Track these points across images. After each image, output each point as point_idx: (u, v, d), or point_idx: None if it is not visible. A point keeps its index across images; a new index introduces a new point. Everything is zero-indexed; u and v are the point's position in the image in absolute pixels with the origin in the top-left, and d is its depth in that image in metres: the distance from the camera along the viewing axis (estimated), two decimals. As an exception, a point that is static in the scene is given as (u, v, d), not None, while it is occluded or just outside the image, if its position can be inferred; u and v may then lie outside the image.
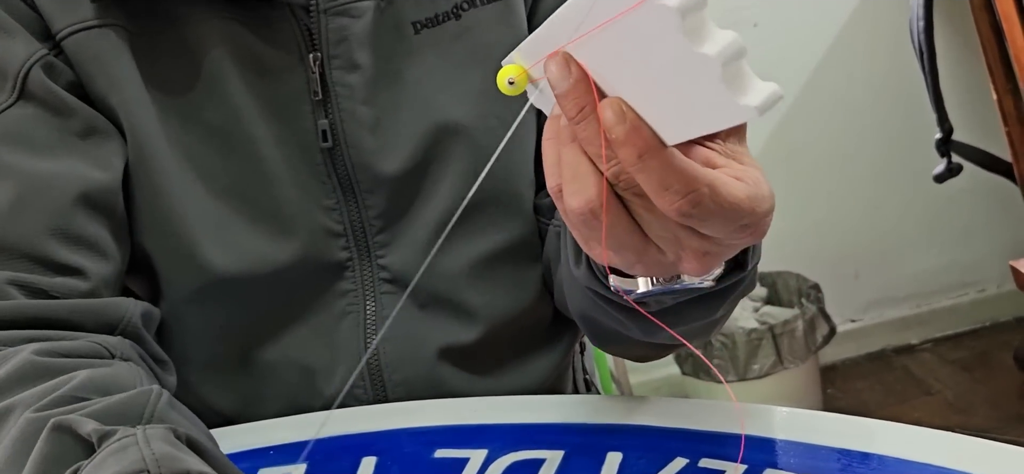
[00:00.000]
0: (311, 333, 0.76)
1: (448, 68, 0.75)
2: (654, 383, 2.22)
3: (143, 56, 0.71)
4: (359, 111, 0.73)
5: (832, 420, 0.64)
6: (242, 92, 0.72)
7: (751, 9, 2.11)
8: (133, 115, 0.71)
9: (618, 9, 0.41)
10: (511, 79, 0.49)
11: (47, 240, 0.67)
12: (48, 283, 0.67)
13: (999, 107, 1.62)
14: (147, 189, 0.72)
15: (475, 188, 0.50)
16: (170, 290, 0.74)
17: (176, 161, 0.71)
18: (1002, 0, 1.49)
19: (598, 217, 0.47)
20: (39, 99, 0.69)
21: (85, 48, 0.70)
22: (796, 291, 2.09)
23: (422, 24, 0.74)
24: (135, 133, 0.71)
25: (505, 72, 0.50)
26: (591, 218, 0.47)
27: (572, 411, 0.70)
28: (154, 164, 0.71)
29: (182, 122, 0.72)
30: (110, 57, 0.70)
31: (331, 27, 0.72)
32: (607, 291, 0.61)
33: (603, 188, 0.46)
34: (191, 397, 0.74)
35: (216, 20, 0.71)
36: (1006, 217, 2.19)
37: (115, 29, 0.70)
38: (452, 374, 0.77)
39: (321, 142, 0.73)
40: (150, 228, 0.73)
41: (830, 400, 2.15)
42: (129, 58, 0.71)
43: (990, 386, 2.11)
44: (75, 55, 0.70)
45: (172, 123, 0.72)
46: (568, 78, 0.45)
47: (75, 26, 0.70)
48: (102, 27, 0.70)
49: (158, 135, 0.71)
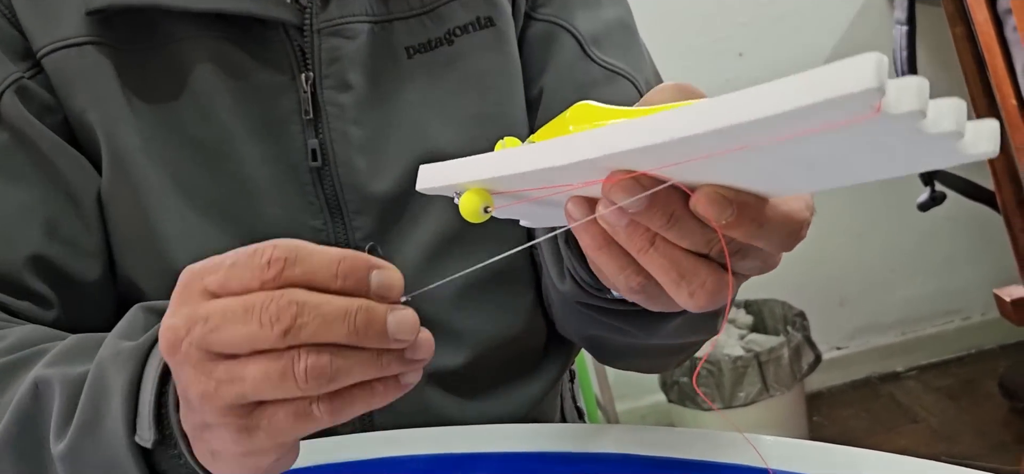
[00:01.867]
0: None
1: (439, 93, 0.75)
2: (641, 411, 2.22)
3: (130, 73, 0.71)
4: (350, 131, 0.73)
5: (818, 450, 0.64)
6: (231, 109, 0.72)
7: (736, 39, 2.13)
8: (113, 132, 0.70)
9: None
10: (486, 206, 0.46)
11: (19, 268, 0.68)
12: (15, 306, 0.68)
13: (982, 136, 1.63)
14: (127, 205, 0.71)
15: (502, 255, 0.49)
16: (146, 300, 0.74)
17: (158, 177, 0.71)
18: (984, 31, 1.51)
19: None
20: (8, 125, 0.69)
21: (65, 66, 0.70)
22: (782, 319, 2.10)
23: (415, 49, 0.75)
24: (114, 150, 0.71)
25: (475, 202, 0.47)
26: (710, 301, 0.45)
27: (559, 440, 0.70)
28: (135, 180, 0.71)
29: (168, 138, 0.72)
30: (92, 74, 0.70)
31: (325, 47, 0.72)
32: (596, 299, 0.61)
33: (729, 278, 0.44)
34: None
35: (207, 39, 0.72)
36: (989, 245, 2.20)
37: (100, 47, 0.70)
38: (439, 398, 0.77)
39: (310, 161, 0.73)
40: (130, 244, 0.72)
41: (816, 428, 2.15)
42: (113, 75, 0.71)
43: (975, 414, 2.11)
44: (55, 73, 0.70)
45: (157, 139, 0.72)
46: (642, 194, 0.42)
47: (57, 44, 0.70)
48: (85, 45, 0.70)
49: (140, 151, 0.71)
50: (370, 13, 0.74)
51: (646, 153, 0.39)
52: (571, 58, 0.78)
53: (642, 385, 2.20)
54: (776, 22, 2.14)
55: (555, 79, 0.77)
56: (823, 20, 2.15)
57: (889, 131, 0.34)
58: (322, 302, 0.42)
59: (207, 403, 0.44)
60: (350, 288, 0.43)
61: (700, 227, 0.43)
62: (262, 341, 0.41)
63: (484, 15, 0.76)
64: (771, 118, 0.34)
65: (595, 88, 0.77)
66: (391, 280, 0.44)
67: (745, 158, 0.38)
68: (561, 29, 0.78)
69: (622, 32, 0.81)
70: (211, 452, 0.47)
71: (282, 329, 0.41)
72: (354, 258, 0.43)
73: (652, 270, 0.45)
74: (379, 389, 0.44)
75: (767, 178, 0.41)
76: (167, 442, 0.51)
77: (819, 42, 2.17)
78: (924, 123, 0.33)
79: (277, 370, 0.42)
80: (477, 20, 0.76)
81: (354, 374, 0.43)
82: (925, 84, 0.33)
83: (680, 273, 0.45)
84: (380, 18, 0.74)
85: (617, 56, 0.79)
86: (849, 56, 0.33)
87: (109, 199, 0.72)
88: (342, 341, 0.42)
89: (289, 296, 0.42)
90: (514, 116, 0.77)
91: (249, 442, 0.44)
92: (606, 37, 0.79)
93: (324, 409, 0.43)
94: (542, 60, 0.78)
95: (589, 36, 0.78)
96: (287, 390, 0.42)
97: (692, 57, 2.10)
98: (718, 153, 0.38)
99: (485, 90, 0.76)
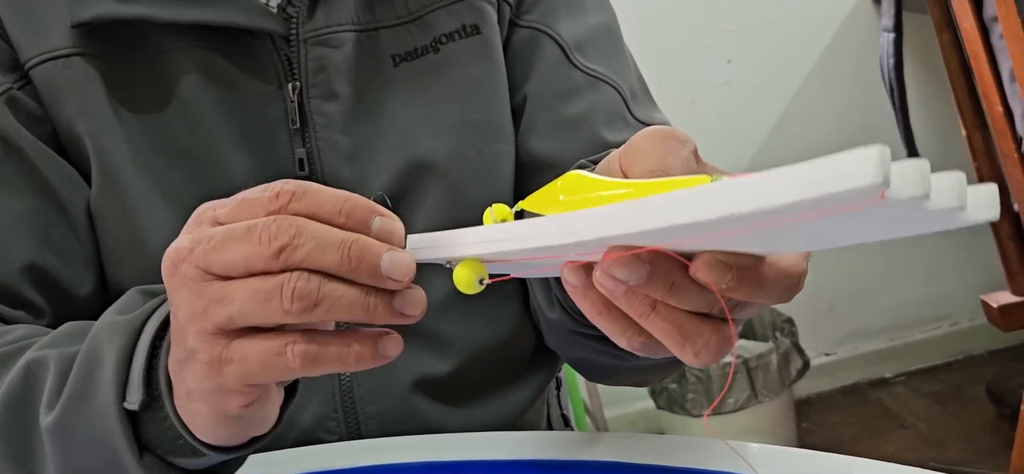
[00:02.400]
0: None
1: (425, 101, 0.75)
2: (629, 418, 2.22)
3: (117, 84, 0.71)
4: (337, 140, 0.73)
5: (806, 456, 0.64)
6: (217, 120, 0.72)
7: (725, 45, 2.14)
8: (101, 143, 0.70)
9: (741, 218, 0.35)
10: (480, 278, 0.46)
11: (14, 277, 0.68)
12: (11, 316, 0.67)
13: (968, 143, 1.65)
14: (116, 215, 0.71)
15: None
16: None
17: (147, 188, 0.71)
18: (970, 38, 1.51)
19: None
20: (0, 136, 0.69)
21: (53, 77, 0.70)
22: (770, 325, 2.10)
23: (401, 57, 0.75)
24: (103, 161, 0.70)
25: (469, 275, 0.46)
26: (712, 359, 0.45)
27: (547, 448, 0.70)
28: (123, 190, 0.71)
29: (155, 148, 0.72)
30: (80, 85, 0.70)
31: (311, 56, 0.72)
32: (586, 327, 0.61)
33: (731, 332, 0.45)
34: None
35: (194, 50, 0.71)
36: (977, 251, 2.21)
37: (87, 58, 0.70)
38: (426, 405, 0.77)
39: (297, 171, 0.73)
40: (120, 253, 0.72)
41: (804, 434, 2.15)
42: (100, 86, 0.70)
43: (963, 419, 2.12)
44: (43, 85, 0.70)
45: (144, 150, 0.71)
46: (642, 270, 0.42)
47: (44, 55, 0.70)
48: (72, 56, 0.70)
49: (127, 161, 0.71)
50: (356, 22, 0.74)
51: (644, 236, 0.39)
52: (554, 64, 0.78)
53: (631, 392, 2.20)
54: (763, 29, 2.14)
55: (538, 85, 0.77)
56: (810, 27, 2.16)
57: (892, 210, 0.34)
58: (321, 228, 0.43)
59: (193, 324, 0.45)
60: (351, 226, 0.44)
61: (700, 290, 0.43)
62: (257, 259, 0.43)
63: (470, 23, 0.76)
64: (773, 209, 0.34)
65: (578, 94, 0.77)
66: (392, 226, 0.45)
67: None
68: (544, 36, 0.78)
69: (606, 38, 0.81)
70: (186, 393, 0.48)
71: (278, 246, 0.43)
72: (358, 200, 0.45)
73: (654, 332, 0.45)
74: (355, 348, 0.45)
75: (766, 243, 0.41)
76: (154, 404, 0.51)
77: (807, 49, 2.17)
78: (927, 203, 0.33)
79: (265, 289, 0.43)
80: (463, 28, 0.76)
81: (339, 306, 0.43)
82: (926, 167, 0.33)
83: (683, 335, 0.45)
84: (366, 27, 0.74)
85: (601, 62, 0.79)
86: (838, 65, 0.33)
87: (98, 209, 0.71)
88: (334, 269, 0.43)
89: (290, 219, 0.43)
90: (500, 124, 0.77)
91: (219, 377, 0.45)
92: (590, 43, 0.79)
93: (297, 353, 0.44)
94: (525, 67, 0.78)
95: (572, 42, 0.78)
96: (271, 311, 0.43)
97: (681, 64, 2.10)
98: (718, 235, 0.38)
99: (471, 97, 0.76)
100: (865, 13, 2.17)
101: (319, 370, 0.44)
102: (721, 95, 2.14)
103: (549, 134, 0.76)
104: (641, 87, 0.81)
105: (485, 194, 0.75)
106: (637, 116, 0.78)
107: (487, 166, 0.76)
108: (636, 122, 0.77)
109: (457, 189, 0.75)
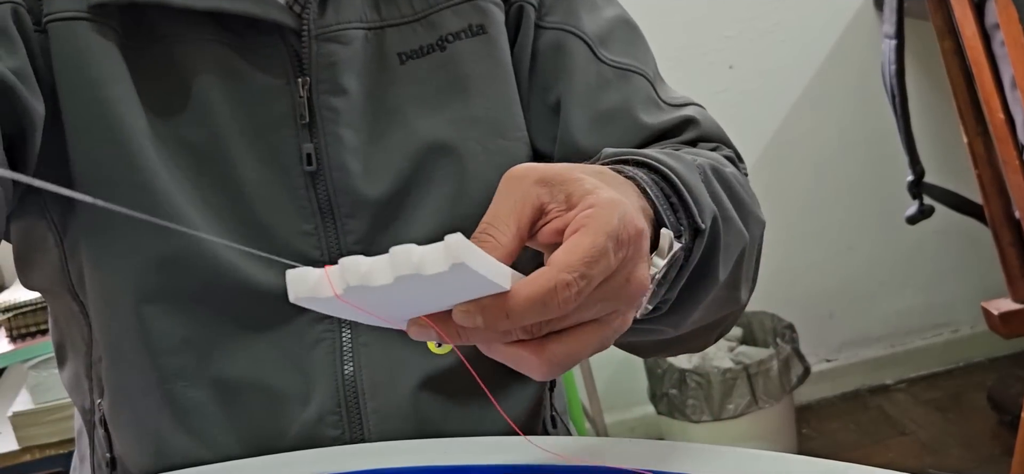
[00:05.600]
0: (284, 358, 0.75)
1: (431, 97, 0.77)
2: (629, 423, 2.22)
3: (132, 67, 0.71)
4: (344, 135, 0.74)
5: (806, 463, 0.64)
6: (225, 113, 0.72)
7: (726, 51, 2.14)
8: (129, 112, 0.70)
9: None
10: (438, 342, 0.53)
11: None
12: None
13: (970, 150, 1.64)
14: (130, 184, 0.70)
15: None
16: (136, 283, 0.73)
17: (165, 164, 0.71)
18: (972, 45, 1.51)
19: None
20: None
21: (82, 35, 0.70)
22: (771, 331, 2.10)
23: (408, 55, 0.76)
24: (127, 131, 0.70)
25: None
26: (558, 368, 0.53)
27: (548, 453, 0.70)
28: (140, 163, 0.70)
29: (162, 138, 0.72)
30: (109, 52, 0.70)
31: (321, 52, 0.73)
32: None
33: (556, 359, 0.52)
34: None
35: (205, 43, 0.72)
36: (977, 258, 2.21)
37: (106, 30, 0.71)
38: (428, 402, 0.77)
39: (305, 166, 0.73)
40: (126, 220, 0.70)
41: (805, 440, 2.15)
42: (122, 61, 0.71)
43: (964, 427, 2.12)
44: (67, 39, 0.70)
45: (157, 135, 0.72)
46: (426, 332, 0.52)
47: (74, 13, 0.70)
48: (101, 23, 0.70)
49: (146, 136, 0.71)
50: (364, 20, 0.75)
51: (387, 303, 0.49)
52: (584, 62, 0.79)
53: (631, 397, 2.20)
54: (764, 35, 2.15)
55: (571, 84, 0.79)
56: (812, 33, 2.16)
57: None
58: None
59: None
60: None
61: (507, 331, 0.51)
62: None
63: (476, 23, 0.77)
64: None
65: (611, 87, 0.79)
66: None
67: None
68: (570, 35, 0.80)
69: (625, 29, 0.83)
70: None
71: None
72: None
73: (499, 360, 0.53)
74: None
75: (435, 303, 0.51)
76: None
77: (808, 55, 2.18)
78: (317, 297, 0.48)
79: None
80: (469, 27, 0.77)
81: None
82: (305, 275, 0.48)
83: (514, 362, 0.53)
84: (374, 25, 0.75)
85: (624, 53, 0.81)
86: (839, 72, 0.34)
87: (106, 178, 0.71)
88: None
89: None
90: (505, 121, 0.78)
91: None
92: (610, 36, 0.81)
93: None
94: (556, 68, 0.80)
95: (596, 37, 0.80)
96: None
97: (682, 71, 2.10)
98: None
99: (476, 95, 0.77)
100: (867, 20, 2.17)
101: None
102: (722, 102, 2.14)
103: (591, 128, 0.78)
104: (656, 70, 0.84)
105: (490, 189, 0.76)
106: (665, 98, 0.81)
107: (491, 162, 0.76)
108: (667, 105, 0.81)
109: (462, 183, 0.76)
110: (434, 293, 0.49)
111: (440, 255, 0.45)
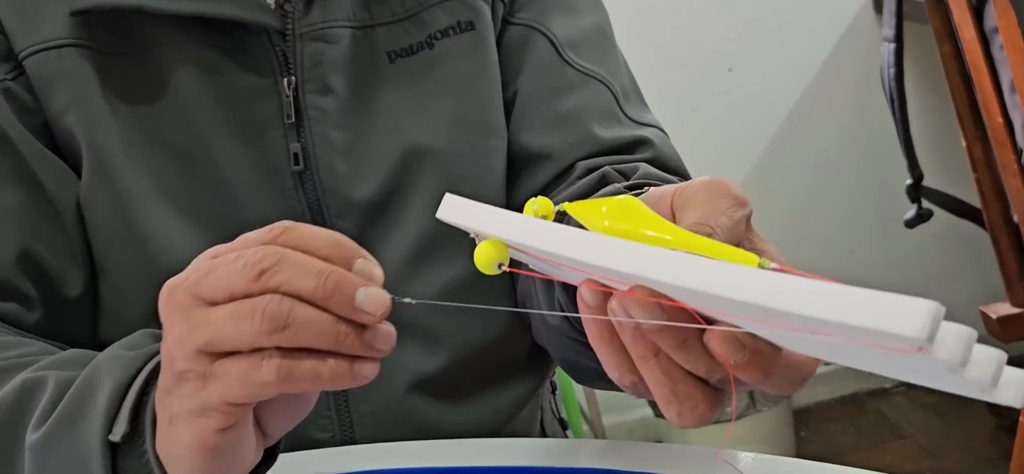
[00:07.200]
0: None
1: (420, 96, 0.76)
2: (628, 425, 2.22)
3: (111, 76, 0.71)
4: (332, 135, 0.73)
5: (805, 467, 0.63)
6: (211, 115, 0.72)
7: (726, 54, 2.14)
8: (93, 133, 0.70)
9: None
10: (500, 263, 0.46)
11: (6, 267, 0.68)
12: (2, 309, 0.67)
13: (968, 154, 1.64)
14: (108, 207, 0.71)
15: None
16: (128, 301, 0.73)
17: (140, 179, 0.71)
18: (971, 49, 1.51)
19: None
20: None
21: (46, 68, 0.70)
22: (769, 334, 2.10)
23: (396, 54, 0.76)
24: (94, 151, 0.70)
25: (492, 255, 0.46)
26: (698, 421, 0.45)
27: (544, 455, 0.70)
28: (115, 182, 0.71)
29: (148, 141, 0.72)
30: (73, 76, 0.70)
31: (307, 51, 0.72)
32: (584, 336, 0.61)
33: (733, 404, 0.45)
34: None
35: (190, 44, 0.72)
36: (976, 262, 2.21)
37: (82, 49, 0.70)
38: (420, 403, 0.77)
39: (292, 165, 0.73)
40: (111, 244, 0.72)
41: (803, 443, 2.15)
42: (93, 77, 0.71)
43: (962, 430, 2.12)
44: (36, 76, 0.70)
45: (138, 142, 0.71)
46: (659, 318, 0.41)
47: (38, 46, 0.70)
48: (66, 47, 0.70)
49: (120, 153, 0.71)
50: (352, 18, 0.74)
51: (677, 290, 0.39)
52: (546, 60, 0.79)
53: (629, 399, 2.19)
54: (764, 38, 2.14)
55: (530, 80, 0.78)
56: (811, 36, 2.16)
57: (923, 362, 0.33)
58: (302, 256, 0.45)
59: (179, 347, 0.46)
60: (335, 261, 0.45)
61: (706, 356, 0.43)
62: (239, 283, 0.44)
63: (465, 19, 0.77)
64: (816, 319, 0.33)
65: (570, 90, 0.78)
66: (373, 270, 0.46)
67: None
68: (536, 32, 0.79)
69: (599, 38, 0.82)
70: (169, 419, 0.48)
71: (259, 270, 0.44)
72: (346, 240, 0.46)
73: (647, 379, 0.45)
74: (330, 363, 0.45)
75: (788, 339, 0.41)
76: (136, 438, 0.51)
77: (807, 58, 2.17)
78: (962, 369, 0.33)
79: (240, 310, 0.44)
80: (458, 24, 0.77)
81: (309, 329, 0.44)
82: (971, 336, 0.32)
83: (674, 392, 0.44)
84: (362, 24, 0.75)
85: (593, 61, 0.80)
86: (839, 75, 0.33)
87: (88, 200, 0.71)
88: (310, 295, 0.44)
89: (275, 247, 0.45)
90: (494, 120, 0.78)
91: (202, 393, 0.45)
92: (582, 42, 0.80)
93: (272, 365, 0.44)
94: (517, 62, 0.79)
95: (565, 40, 0.79)
96: (244, 332, 0.44)
97: (681, 73, 2.10)
98: (749, 320, 0.38)
99: (465, 93, 0.77)
100: (866, 23, 2.17)
101: (295, 385, 0.45)
102: (722, 104, 2.14)
103: (541, 128, 0.77)
104: (633, 88, 0.82)
105: (479, 189, 0.76)
106: (629, 115, 0.79)
107: (481, 161, 0.76)
108: (628, 120, 0.78)
109: (451, 184, 0.75)
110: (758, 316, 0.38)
111: None
